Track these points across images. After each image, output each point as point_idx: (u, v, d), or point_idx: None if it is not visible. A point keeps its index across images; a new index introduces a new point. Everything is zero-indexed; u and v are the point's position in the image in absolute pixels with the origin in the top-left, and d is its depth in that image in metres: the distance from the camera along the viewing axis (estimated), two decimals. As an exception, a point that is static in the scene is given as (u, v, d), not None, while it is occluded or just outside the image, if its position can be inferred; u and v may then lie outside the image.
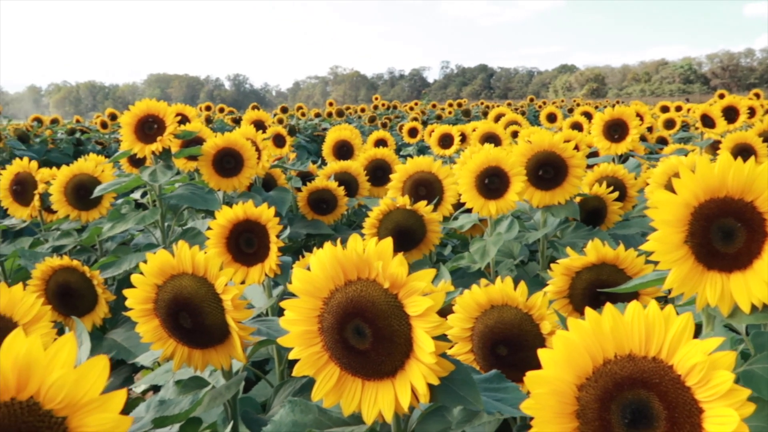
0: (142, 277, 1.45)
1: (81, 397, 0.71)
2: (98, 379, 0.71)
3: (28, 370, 0.70)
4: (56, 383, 0.70)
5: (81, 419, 0.71)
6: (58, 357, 0.71)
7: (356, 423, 1.24)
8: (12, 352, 0.70)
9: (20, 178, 3.43)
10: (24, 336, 0.70)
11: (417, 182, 2.85)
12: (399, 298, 1.10)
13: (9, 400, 0.70)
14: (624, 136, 3.56)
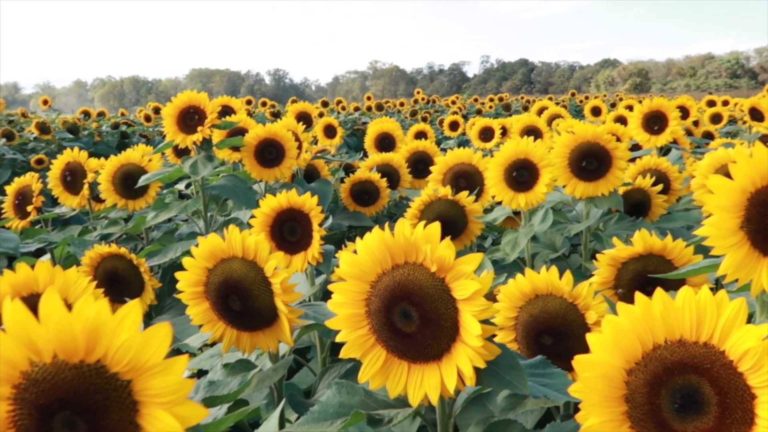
0: (193, 261, 1.48)
1: (145, 361, 0.73)
2: (161, 345, 0.74)
3: (96, 334, 0.72)
4: (122, 347, 0.72)
5: (145, 382, 0.73)
6: (125, 322, 0.74)
7: (401, 406, 1.25)
8: (82, 315, 0.72)
9: (70, 167, 3.52)
10: (93, 301, 0.73)
11: (457, 174, 2.85)
12: (446, 281, 1.11)
13: (78, 362, 0.73)
14: (663, 128, 3.51)
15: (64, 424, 0.73)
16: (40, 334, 0.73)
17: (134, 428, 0.74)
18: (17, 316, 0.73)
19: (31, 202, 3.66)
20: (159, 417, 0.73)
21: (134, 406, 0.74)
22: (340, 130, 4.46)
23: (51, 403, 0.72)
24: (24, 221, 3.68)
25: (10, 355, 0.73)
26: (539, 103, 6.32)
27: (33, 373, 0.73)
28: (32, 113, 13.51)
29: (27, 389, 0.73)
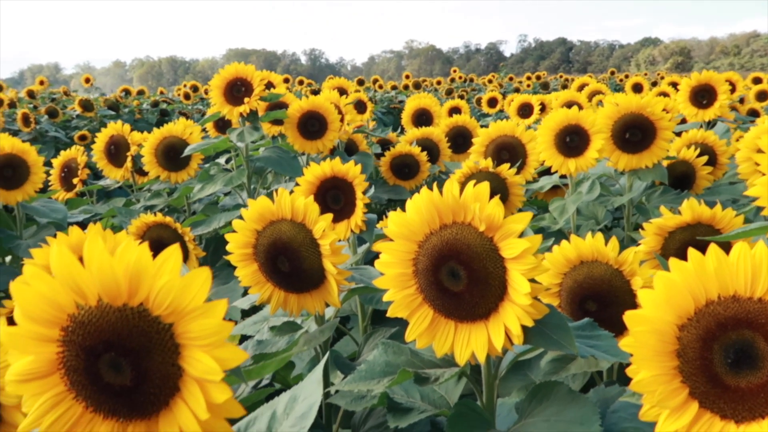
0: (243, 222, 1.51)
1: (186, 304, 0.75)
2: (202, 288, 0.75)
3: (138, 277, 0.74)
4: (163, 290, 0.74)
5: (186, 325, 0.75)
6: (165, 266, 0.75)
7: (447, 366, 1.26)
8: (124, 259, 0.74)
9: (114, 140, 3.58)
10: (134, 245, 0.75)
11: (500, 146, 2.83)
12: (494, 240, 1.11)
13: (121, 305, 0.75)
14: (712, 101, 3.45)
15: (109, 364, 0.75)
16: (85, 278, 0.75)
17: (176, 370, 0.76)
18: (63, 261, 0.75)
19: (77, 175, 3.74)
20: (199, 359, 0.74)
21: (176, 348, 0.76)
22: (369, 105, 4.47)
23: (96, 345, 0.75)
24: (70, 193, 3.77)
25: (58, 299, 0.75)
26: (579, 80, 6.25)
27: (79, 316, 0.76)
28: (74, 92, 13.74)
29: (74, 331, 0.76)
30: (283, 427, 1.00)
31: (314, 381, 1.05)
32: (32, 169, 2.88)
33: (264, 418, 1.04)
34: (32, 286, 0.76)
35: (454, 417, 1.19)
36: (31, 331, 0.76)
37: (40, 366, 0.78)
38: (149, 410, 0.78)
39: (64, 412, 0.78)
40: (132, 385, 0.76)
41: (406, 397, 1.39)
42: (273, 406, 1.06)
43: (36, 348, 0.77)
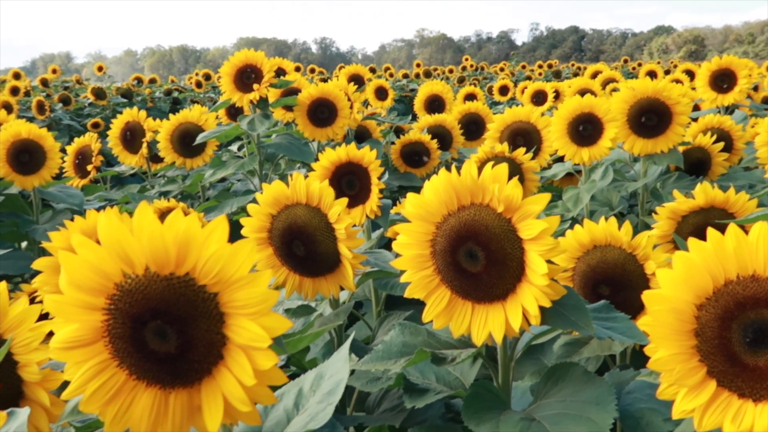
0: (258, 207, 1.52)
1: (232, 274, 0.75)
2: (247, 259, 0.76)
3: (186, 247, 0.75)
4: (210, 260, 0.75)
5: (231, 294, 0.76)
6: (213, 236, 0.76)
7: (463, 347, 1.27)
8: (173, 228, 0.75)
9: (130, 127, 3.60)
10: (183, 215, 0.75)
11: (515, 132, 2.83)
12: (513, 221, 1.12)
13: (168, 274, 0.76)
14: (732, 86, 3.42)
15: (154, 332, 0.76)
16: (133, 247, 0.75)
17: (221, 338, 0.77)
18: (112, 229, 0.75)
19: (91, 162, 3.77)
20: (245, 327, 0.75)
21: (221, 317, 0.77)
22: (391, 92, 4.47)
23: (143, 313, 0.76)
24: (84, 180, 3.79)
25: (105, 267, 0.76)
26: (593, 67, 6.22)
27: (126, 285, 0.76)
28: (86, 80, 13.79)
29: (121, 300, 0.76)
30: (310, 403, 1.02)
31: (341, 359, 1.06)
32: (48, 154, 2.90)
33: (291, 395, 1.05)
34: (80, 254, 0.76)
35: (471, 397, 1.20)
36: (76, 299, 0.77)
37: (84, 334, 0.78)
38: (192, 378, 0.79)
39: (108, 379, 0.79)
40: (177, 353, 0.77)
41: (421, 379, 1.40)
42: (299, 384, 1.07)
43: (81, 316, 0.78)
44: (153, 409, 0.80)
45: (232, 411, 0.79)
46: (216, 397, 0.78)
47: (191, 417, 0.81)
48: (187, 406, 0.81)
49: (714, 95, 3.46)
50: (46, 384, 1.04)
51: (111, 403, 0.80)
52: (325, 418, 0.99)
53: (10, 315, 1.05)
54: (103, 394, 0.79)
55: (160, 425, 0.81)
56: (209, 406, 0.78)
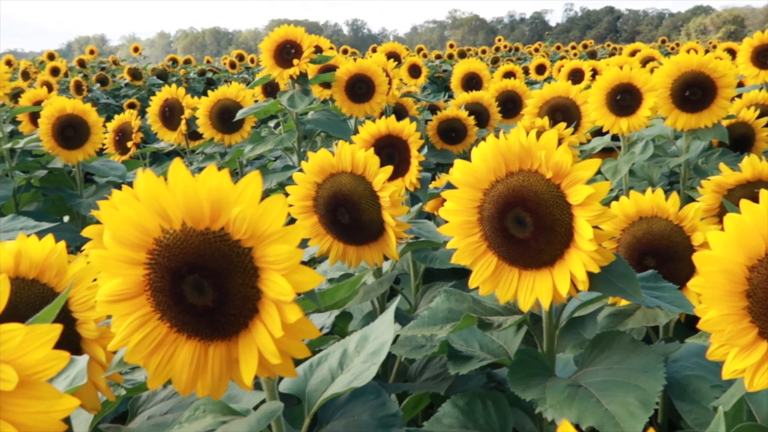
0: (303, 175, 1.53)
1: (265, 229, 0.77)
2: (279, 214, 0.77)
3: (219, 202, 0.76)
4: (244, 215, 0.76)
5: (264, 249, 0.77)
6: (246, 192, 0.77)
7: (509, 313, 1.28)
8: (206, 184, 0.76)
9: (169, 104, 3.64)
10: (216, 170, 0.77)
11: (554, 107, 2.81)
12: (561, 187, 1.11)
13: (204, 229, 0.77)
14: (776, 61, 3.35)
15: (192, 286, 0.78)
16: (170, 202, 0.77)
17: (255, 292, 0.79)
18: (149, 185, 0.77)
19: (131, 138, 3.82)
20: (277, 281, 0.76)
21: (255, 271, 0.78)
22: (424, 69, 4.45)
23: (181, 267, 0.78)
24: (124, 156, 3.85)
25: (144, 223, 0.78)
26: (631, 46, 6.12)
27: (164, 240, 0.78)
28: (122, 61, 13.93)
29: (160, 254, 0.78)
30: (354, 363, 1.03)
31: (386, 321, 1.07)
32: (92, 129, 2.95)
33: (335, 355, 1.07)
34: (120, 210, 0.78)
35: (516, 364, 1.21)
36: (119, 254, 0.80)
37: (127, 288, 0.81)
38: (229, 331, 0.81)
39: (150, 331, 0.82)
40: (214, 306, 0.78)
41: (465, 347, 1.41)
42: (344, 345, 1.09)
43: (124, 270, 0.80)
44: (193, 360, 0.82)
45: (267, 363, 0.80)
46: (252, 350, 0.80)
47: (230, 369, 0.83)
48: (226, 358, 0.83)
49: (756, 71, 3.39)
50: (103, 341, 1.07)
51: (153, 354, 0.83)
52: (369, 377, 1.01)
53: (69, 274, 1.08)
54: (145, 346, 0.82)
55: (200, 376, 0.83)
56: (245, 358, 0.80)
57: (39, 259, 1.07)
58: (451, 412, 1.29)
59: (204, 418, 0.90)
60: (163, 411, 1.16)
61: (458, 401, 1.31)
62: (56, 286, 1.09)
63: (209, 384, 0.82)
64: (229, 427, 0.86)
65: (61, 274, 1.08)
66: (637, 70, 2.38)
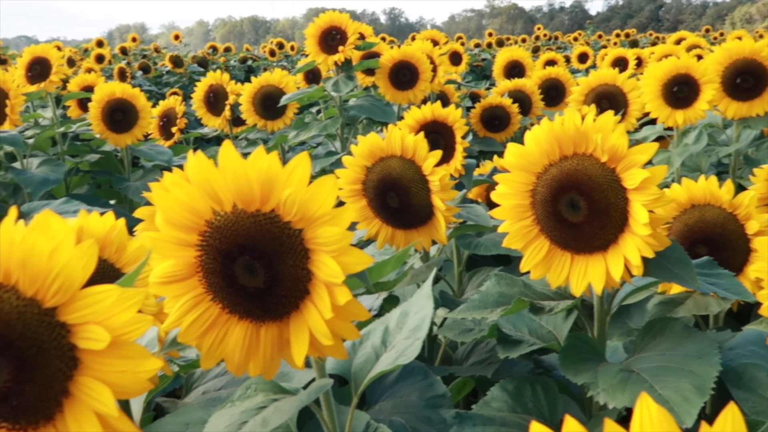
0: (353, 159, 1.54)
1: (315, 210, 0.77)
2: (329, 196, 0.77)
3: (270, 184, 0.77)
4: (293, 197, 0.76)
5: (314, 231, 0.77)
6: (295, 173, 0.77)
7: (559, 298, 1.27)
8: (256, 166, 0.77)
9: (214, 89, 3.68)
10: (265, 153, 0.77)
11: (600, 95, 2.78)
12: (617, 171, 1.11)
13: (255, 211, 0.78)
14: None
15: (243, 267, 0.79)
16: (221, 184, 0.78)
17: (306, 273, 0.79)
18: (200, 167, 0.78)
19: (175, 124, 3.87)
20: (327, 263, 0.77)
21: (305, 253, 0.79)
22: (465, 57, 4.43)
23: (232, 249, 0.79)
24: (169, 141, 3.91)
25: (196, 205, 0.79)
26: (675, 35, 6.02)
27: (216, 222, 0.79)
28: (163, 49, 14.10)
29: (211, 236, 0.79)
30: (396, 340, 1.04)
31: (424, 296, 1.08)
32: (140, 113, 3.00)
33: (378, 333, 1.08)
34: (172, 192, 0.79)
35: (567, 348, 1.20)
36: (171, 236, 0.81)
37: (180, 269, 0.82)
38: (281, 312, 0.82)
39: (203, 312, 0.83)
40: (265, 288, 0.79)
41: (514, 331, 1.41)
42: (385, 322, 1.10)
43: (176, 252, 0.81)
44: (245, 341, 0.83)
45: (318, 344, 0.81)
46: (303, 331, 0.81)
47: (281, 350, 0.84)
48: (277, 339, 0.84)
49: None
50: (161, 316, 1.09)
51: (206, 335, 0.84)
52: (414, 354, 1.02)
53: (128, 250, 1.10)
54: (198, 327, 0.83)
55: (252, 357, 0.84)
56: (296, 339, 0.81)
57: (100, 235, 1.10)
58: (499, 395, 1.29)
59: (255, 397, 0.92)
60: (217, 387, 1.19)
61: (507, 385, 1.31)
62: (116, 262, 1.11)
63: (261, 364, 0.83)
64: (279, 405, 0.87)
65: (120, 250, 1.11)
66: (694, 60, 2.34)
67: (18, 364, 0.63)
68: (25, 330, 0.63)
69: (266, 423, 0.80)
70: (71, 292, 0.64)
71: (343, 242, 0.77)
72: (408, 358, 0.98)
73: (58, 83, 3.20)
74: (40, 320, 0.64)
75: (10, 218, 0.65)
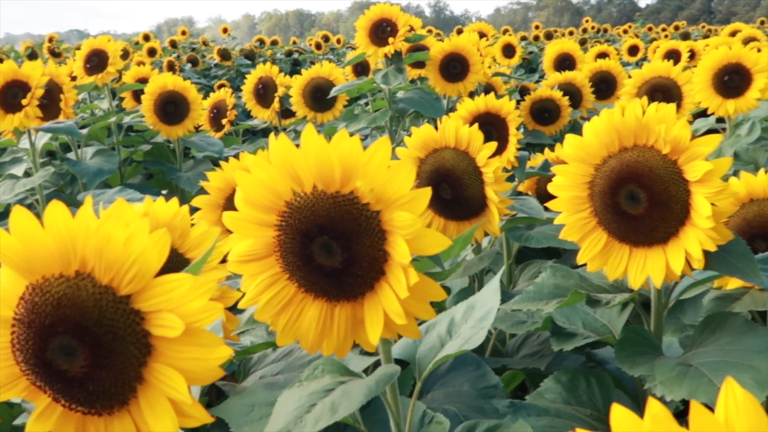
0: (406, 150, 1.55)
1: (392, 193, 0.78)
2: (407, 180, 0.78)
3: (350, 166, 0.78)
4: (373, 179, 0.77)
5: (391, 213, 0.79)
6: (376, 156, 0.78)
7: (616, 291, 1.27)
8: (338, 148, 0.78)
9: (263, 82, 3.72)
10: (348, 135, 0.79)
11: (653, 87, 2.73)
12: (679, 163, 1.09)
13: (334, 192, 0.80)
14: None
15: (321, 247, 0.81)
16: (302, 166, 0.79)
17: (382, 254, 0.81)
18: (282, 149, 0.80)
19: (226, 115, 3.93)
20: (401, 244, 0.78)
21: (382, 234, 0.80)
22: (519, 49, 4.39)
23: (311, 229, 0.80)
24: (219, 133, 3.96)
25: (276, 186, 0.81)
26: (730, 27, 5.88)
27: (295, 202, 0.81)
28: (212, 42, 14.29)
29: (291, 216, 0.81)
30: (462, 329, 1.05)
31: (492, 290, 1.08)
32: (192, 105, 3.06)
33: (443, 323, 1.09)
34: (253, 173, 0.81)
35: (623, 341, 1.19)
36: (251, 215, 0.83)
37: (258, 248, 0.84)
38: (356, 292, 0.83)
39: (279, 291, 0.85)
40: (342, 267, 0.81)
41: (568, 324, 1.40)
42: (451, 314, 1.11)
43: (255, 232, 0.84)
44: (320, 320, 0.85)
45: (392, 324, 0.82)
46: (377, 311, 0.82)
47: (354, 330, 0.85)
48: (351, 319, 0.85)
49: None
50: (223, 300, 1.12)
51: (282, 313, 0.85)
52: (479, 341, 1.02)
53: (191, 236, 1.13)
54: (274, 305, 0.85)
55: (326, 336, 0.85)
56: (371, 319, 0.82)
57: (165, 221, 1.13)
58: (553, 387, 1.29)
59: (323, 378, 0.93)
60: (274, 372, 1.21)
61: (561, 377, 1.30)
62: (179, 247, 1.14)
63: (334, 343, 0.85)
64: (347, 387, 0.89)
65: (184, 235, 1.14)
66: (746, 49, 2.29)
67: (94, 350, 0.66)
68: (101, 317, 0.66)
69: (335, 409, 0.82)
70: (146, 280, 0.66)
71: (417, 225, 0.78)
72: (473, 345, 0.99)
73: (114, 74, 3.28)
74: (115, 307, 0.66)
75: (87, 207, 0.67)
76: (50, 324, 0.66)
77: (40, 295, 0.67)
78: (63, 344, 0.66)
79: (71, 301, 0.66)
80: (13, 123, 2.40)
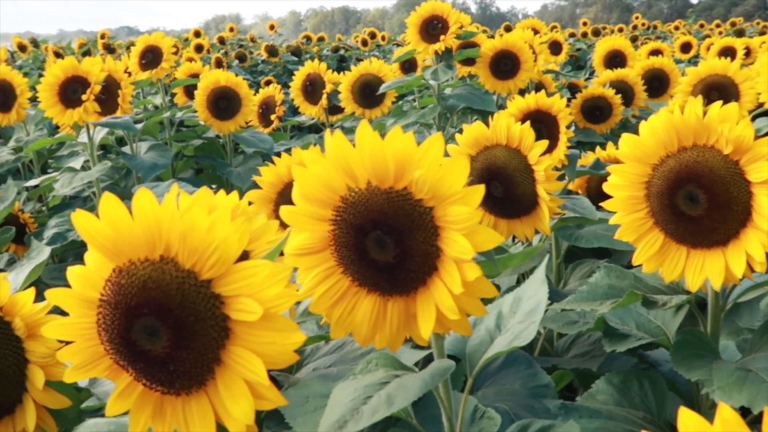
0: (457, 147, 1.54)
1: (446, 189, 0.78)
2: (460, 176, 0.78)
3: (404, 162, 0.78)
4: (426, 175, 0.78)
5: (444, 209, 0.79)
6: (429, 152, 0.79)
7: (672, 293, 1.25)
8: (392, 144, 0.79)
9: (311, 78, 3.75)
10: (401, 131, 0.79)
11: (710, 85, 2.67)
12: (740, 164, 1.07)
13: (388, 188, 0.80)
14: None
15: (375, 242, 0.81)
16: (357, 161, 0.80)
17: (435, 250, 0.81)
18: (338, 145, 0.80)
19: (274, 111, 3.97)
20: (457, 240, 0.78)
21: (435, 230, 0.80)
22: (565, 46, 4.34)
23: (365, 224, 0.81)
24: (267, 128, 4.01)
25: (332, 182, 0.82)
26: (788, 23, 5.71)
27: (350, 197, 0.82)
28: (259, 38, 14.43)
29: (345, 211, 0.82)
30: (511, 324, 1.04)
31: (537, 281, 1.07)
32: (243, 101, 3.10)
33: (491, 317, 1.09)
34: (309, 168, 0.82)
35: (679, 344, 1.18)
36: (307, 210, 0.84)
37: (313, 242, 0.86)
38: (408, 287, 0.84)
39: (333, 284, 0.86)
40: (395, 262, 0.82)
41: (621, 325, 1.39)
42: (498, 307, 1.10)
43: (311, 226, 0.85)
44: (373, 314, 0.86)
45: (444, 320, 0.82)
46: (430, 306, 0.82)
47: (407, 324, 0.86)
48: (404, 313, 0.86)
49: None
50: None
51: (336, 306, 0.86)
52: (529, 337, 1.02)
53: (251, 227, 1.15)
54: (329, 298, 0.86)
55: (378, 330, 0.86)
56: (423, 314, 0.83)
57: (228, 212, 1.14)
58: (605, 389, 1.28)
59: (377, 371, 0.94)
60: (327, 364, 1.22)
61: (613, 379, 1.29)
62: (245, 240, 1.16)
63: (387, 337, 0.86)
64: (402, 381, 0.89)
65: (245, 227, 1.16)
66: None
67: (176, 331, 0.68)
68: (184, 300, 0.68)
69: (391, 401, 0.82)
70: (227, 265, 0.69)
71: (473, 220, 0.78)
72: (524, 341, 0.99)
73: (168, 70, 3.34)
74: (197, 291, 0.69)
75: (172, 195, 0.70)
76: (136, 305, 0.69)
77: (127, 278, 0.69)
78: (147, 325, 0.69)
79: (156, 284, 0.69)
80: (73, 118, 2.47)
